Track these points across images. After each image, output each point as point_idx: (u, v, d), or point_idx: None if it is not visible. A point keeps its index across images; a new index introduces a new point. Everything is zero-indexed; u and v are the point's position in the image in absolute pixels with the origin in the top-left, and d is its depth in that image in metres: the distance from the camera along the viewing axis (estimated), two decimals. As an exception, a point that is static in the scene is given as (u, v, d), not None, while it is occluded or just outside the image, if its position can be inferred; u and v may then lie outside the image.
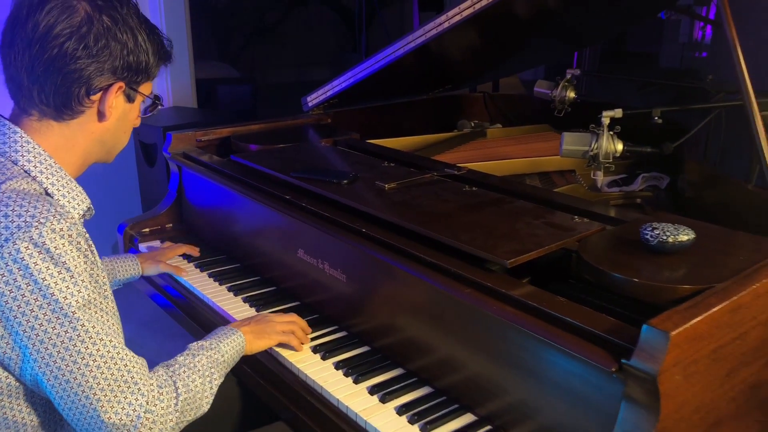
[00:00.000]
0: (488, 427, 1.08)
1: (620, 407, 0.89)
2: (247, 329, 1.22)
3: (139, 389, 0.94)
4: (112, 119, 1.04)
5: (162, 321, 2.79)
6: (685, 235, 1.10)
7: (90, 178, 1.08)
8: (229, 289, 1.56)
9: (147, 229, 1.88)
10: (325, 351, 1.29)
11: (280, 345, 1.30)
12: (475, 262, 1.14)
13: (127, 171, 2.87)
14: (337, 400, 1.16)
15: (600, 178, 1.91)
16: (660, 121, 1.57)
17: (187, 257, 1.72)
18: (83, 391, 0.90)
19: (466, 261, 1.15)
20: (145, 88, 1.08)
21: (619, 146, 1.53)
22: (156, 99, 1.12)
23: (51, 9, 0.95)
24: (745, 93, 1.26)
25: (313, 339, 1.34)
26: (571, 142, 1.55)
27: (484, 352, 1.09)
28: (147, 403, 0.94)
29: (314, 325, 1.38)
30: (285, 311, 1.43)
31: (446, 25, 1.70)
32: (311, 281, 1.45)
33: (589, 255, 1.10)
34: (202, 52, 4.03)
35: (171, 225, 1.93)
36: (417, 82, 2.46)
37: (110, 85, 1.01)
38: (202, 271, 1.66)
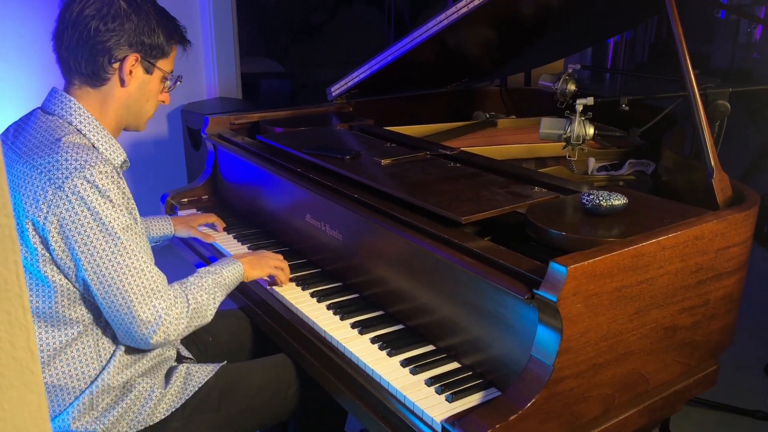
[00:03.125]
0: (443, 355, 1.31)
1: (537, 330, 1.10)
2: (245, 260, 1.50)
3: (161, 296, 1.23)
4: (133, 86, 1.31)
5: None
6: (617, 200, 1.30)
7: (144, 160, 1.36)
8: (249, 248, 1.83)
9: (186, 199, 2.17)
10: (320, 296, 1.53)
11: (289, 292, 1.55)
12: (443, 221, 1.36)
13: (176, 154, 3.20)
14: (324, 330, 1.40)
15: (592, 163, 2.10)
16: (627, 108, 1.74)
17: (211, 225, 1.97)
18: (120, 294, 1.19)
19: (436, 221, 1.37)
20: (164, 65, 1.35)
21: (590, 130, 1.72)
22: (177, 77, 1.39)
23: None
24: (689, 84, 1.44)
25: (312, 288, 1.58)
26: (548, 126, 1.75)
27: (443, 293, 1.31)
28: (167, 307, 1.24)
29: (315, 277, 1.63)
30: (294, 266, 1.68)
31: (444, 22, 1.92)
32: (315, 241, 1.69)
33: (533, 216, 1.31)
34: (250, 49, 4.34)
35: (207, 197, 2.21)
36: (436, 75, 2.68)
37: (127, 56, 1.28)
38: (228, 233, 1.93)
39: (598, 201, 1.29)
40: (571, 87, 2.31)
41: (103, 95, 1.30)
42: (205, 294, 1.33)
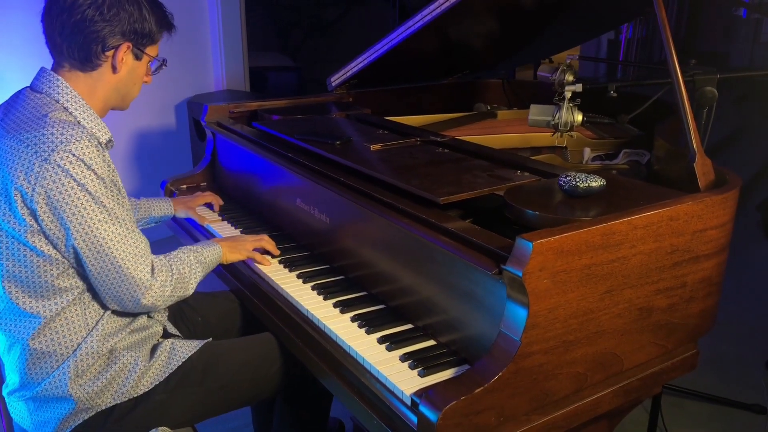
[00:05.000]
0: (421, 333, 1.32)
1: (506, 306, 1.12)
2: (224, 244, 1.58)
3: (148, 261, 1.32)
4: (123, 72, 1.35)
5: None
6: (595, 182, 1.30)
7: (152, 151, 1.41)
8: (242, 232, 1.86)
9: (184, 186, 2.21)
10: (306, 277, 1.56)
11: (277, 273, 1.59)
12: (423, 203, 1.38)
13: (183, 144, 3.25)
14: (306, 309, 1.43)
15: (587, 153, 2.11)
16: (615, 95, 1.75)
17: (210, 206, 2.02)
18: (110, 259, 1.26)
19: (417, 203, 1.38)
20: (151, 50, 1.38)
21: (578, 117, 1.72)
22: (162, 62, 1.42)
23: None
24: (672, 68, 1.44)
25: (300, 269, 1.61)
26: (537, 112, 1.76)
27: (422, 273, 1.33)
28: (152, 272, 1.32)
29: (304, 260, 1.65)
30: (283, 250, 1.71)
31: (437, 11, 1.93)
32: (305, 225, 1.72)
33: (510, 197, 1.32)
34: (260, 44, 4.36)
35: (205, 184, 2.25)
36: (438, 66, 2.68)
37: (120, 45, 1.31)
38: (223, 219, 1.97)
39: (575, 182, 1.29)
40: (569, 77, 2.30)
41: (93, 80, 1.33)
42: (186, 268, 1.41)
